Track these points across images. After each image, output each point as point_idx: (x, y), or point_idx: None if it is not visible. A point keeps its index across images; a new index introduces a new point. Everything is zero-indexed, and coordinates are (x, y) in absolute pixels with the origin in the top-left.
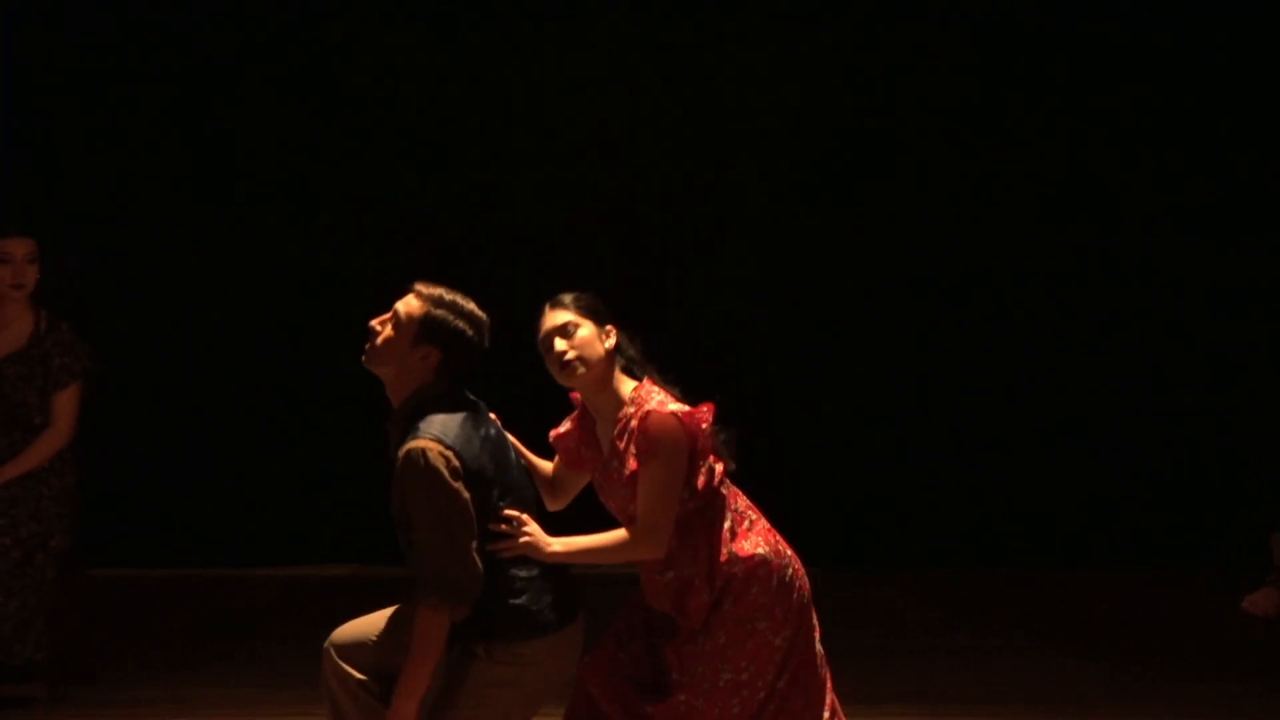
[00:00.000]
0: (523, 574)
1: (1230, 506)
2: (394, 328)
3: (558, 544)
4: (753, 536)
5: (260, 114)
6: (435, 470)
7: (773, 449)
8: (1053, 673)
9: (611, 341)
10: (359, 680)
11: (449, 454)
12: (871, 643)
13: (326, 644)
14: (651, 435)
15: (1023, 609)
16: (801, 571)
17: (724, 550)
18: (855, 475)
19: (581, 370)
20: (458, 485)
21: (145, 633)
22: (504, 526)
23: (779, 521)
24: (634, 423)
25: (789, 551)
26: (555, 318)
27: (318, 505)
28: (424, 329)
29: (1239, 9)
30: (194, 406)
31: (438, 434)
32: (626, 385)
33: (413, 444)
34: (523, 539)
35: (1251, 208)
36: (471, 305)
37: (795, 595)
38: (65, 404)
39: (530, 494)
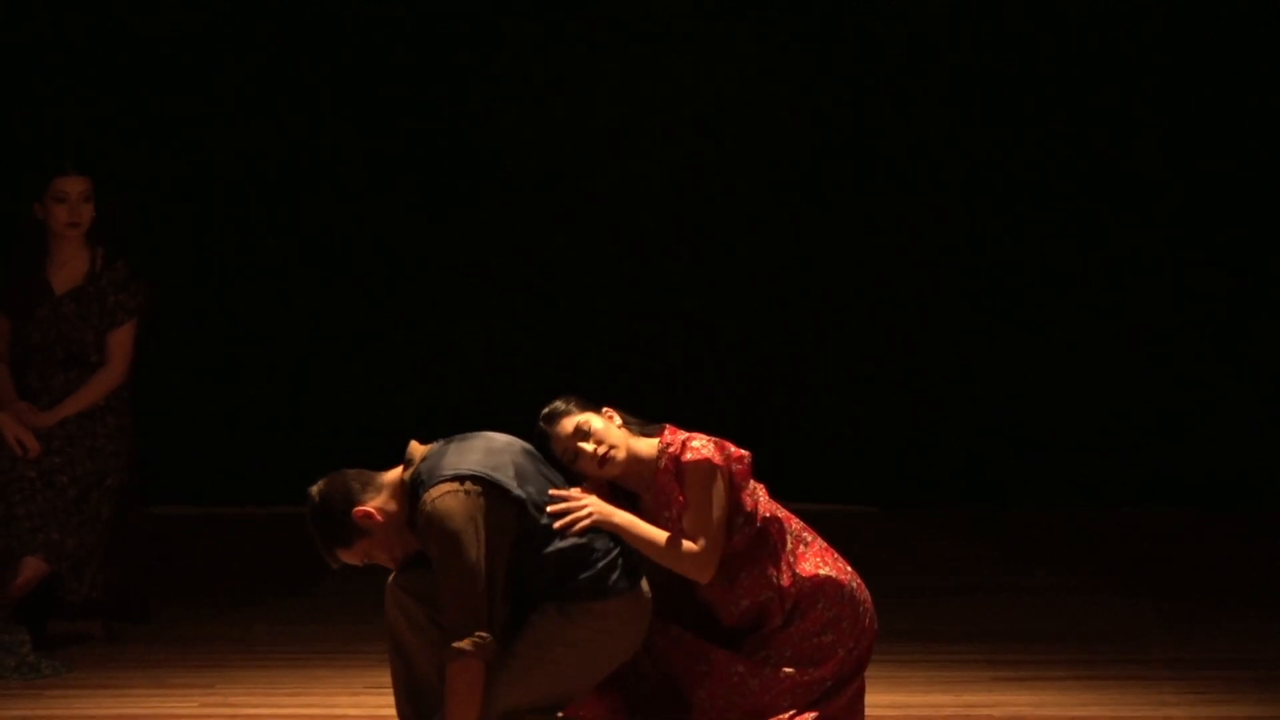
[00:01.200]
0: (594, 546)
1: None
2: (367, 552)
3: (620, 515)
4: (812, 557)
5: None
6: (451, 518)
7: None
8: (1108, 612)
9: (618, 419)
10: (423, 611)
11: (467, 488)
12: (925, 583)
13: (390, 580)
14: (691, 464)
15: (1075, 548)
16: (864, 589)
17: (788, 574)
18: (905, 415)
19: (619, 455)
20: (482, 525)
21: (201, 570)
22: (563, 506)
23: (830, 460)
24: (672, 464)
25: (850, 569)
26: (564, 427)
27: (374, 442)
28: (340, 532)
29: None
30: (251, 343)
31: (449, 473)
32: (648, 444)
33: (424, 498)
34: (587, 509)
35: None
36: (310, 497)
37: (861, 610)
38: (121, 342)
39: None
